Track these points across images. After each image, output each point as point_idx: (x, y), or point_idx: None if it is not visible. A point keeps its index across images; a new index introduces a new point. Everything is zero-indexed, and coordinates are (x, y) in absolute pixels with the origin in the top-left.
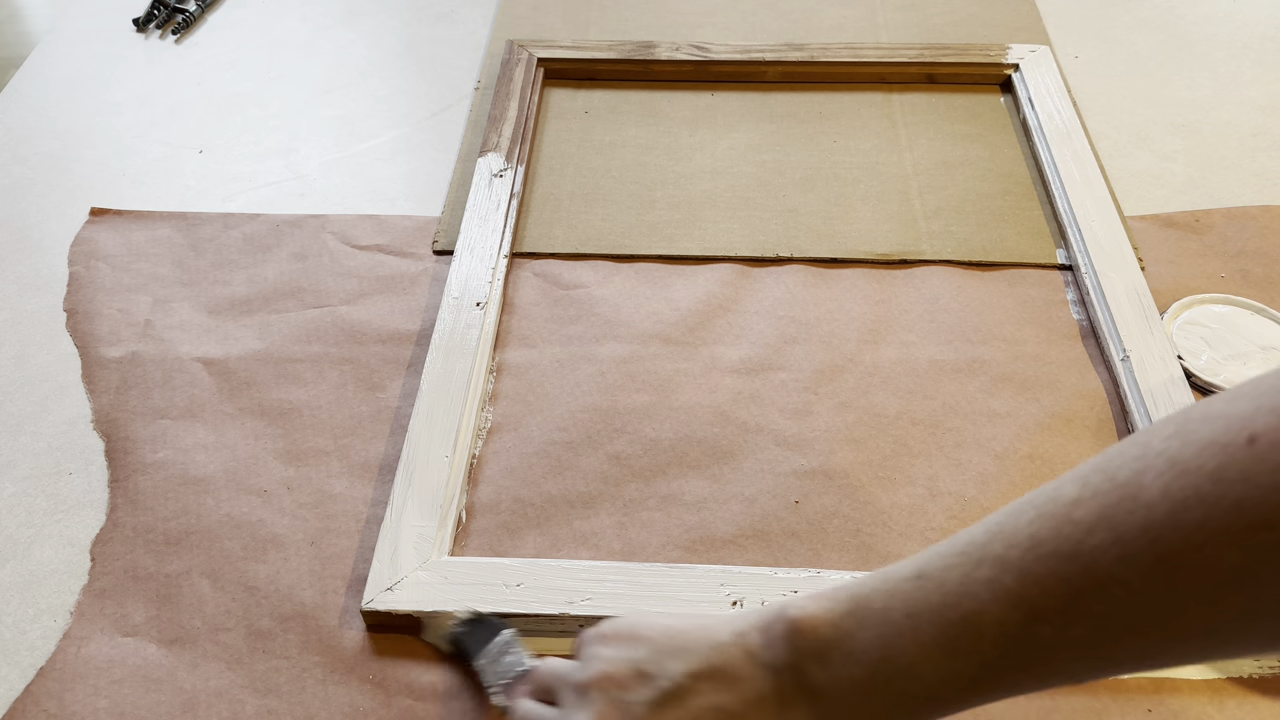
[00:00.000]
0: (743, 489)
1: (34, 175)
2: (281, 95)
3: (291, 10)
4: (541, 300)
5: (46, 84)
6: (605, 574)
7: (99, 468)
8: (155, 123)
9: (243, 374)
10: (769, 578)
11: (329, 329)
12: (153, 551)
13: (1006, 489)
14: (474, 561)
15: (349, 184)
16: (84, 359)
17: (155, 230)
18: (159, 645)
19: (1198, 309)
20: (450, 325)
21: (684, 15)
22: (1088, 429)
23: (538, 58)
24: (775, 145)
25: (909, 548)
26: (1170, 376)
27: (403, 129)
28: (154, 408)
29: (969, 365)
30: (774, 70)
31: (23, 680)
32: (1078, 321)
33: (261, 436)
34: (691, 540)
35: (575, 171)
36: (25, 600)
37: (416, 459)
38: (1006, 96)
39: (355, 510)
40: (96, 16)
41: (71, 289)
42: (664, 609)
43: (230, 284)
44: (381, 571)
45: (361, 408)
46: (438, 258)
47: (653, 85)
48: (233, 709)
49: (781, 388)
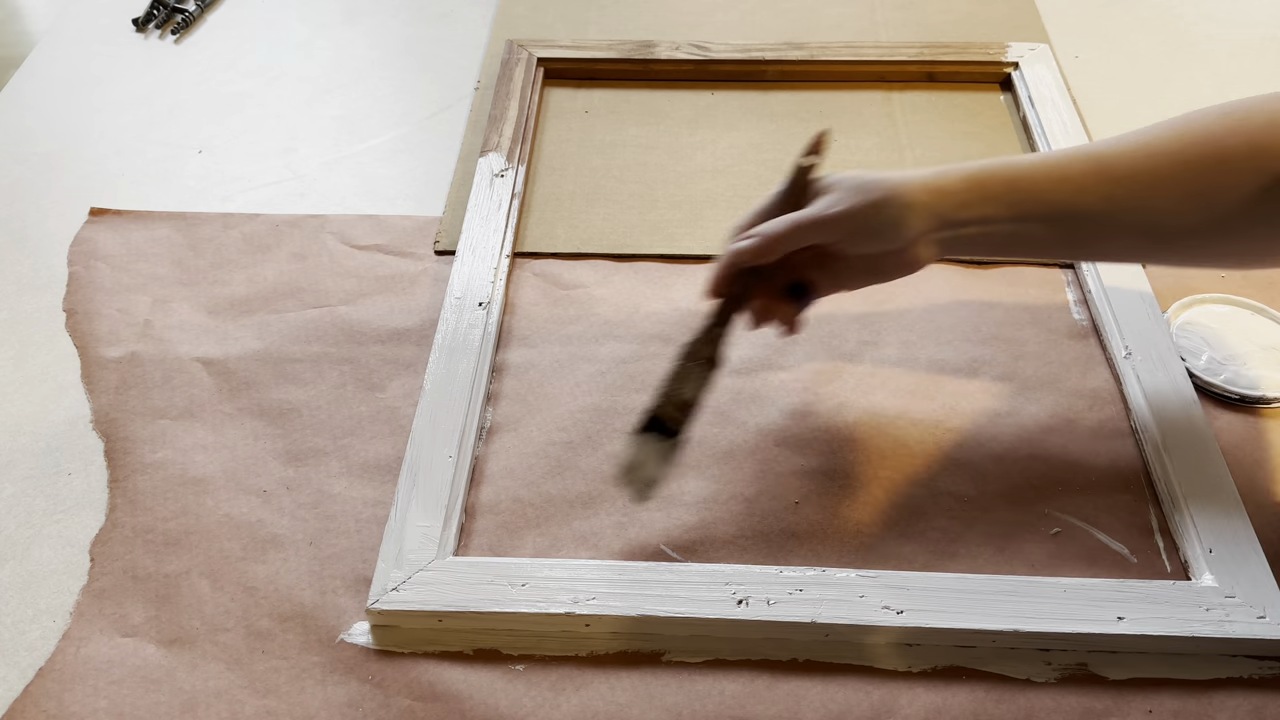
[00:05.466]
0: (743, 489)
1: (33, 175)
2: (281, 95)
3: (291, 10)
4: (542, 300)
5: (46, 84)
6: (609, 573)
7: (98, 468)
8: (155, 123)
9: (242, 374)
10: (775, 576)
11: (329, 329)
12: (152, 552)
13: (1007, 489)
14: (478, 561)
15: (349, 184)
16: (83, 359)
17: (155, 230)
18: (158, 646)
19: (1198, 309)
20: (453, 325)
21: (683, 14)
22: (1089, 429)
23: (538, 57)
24: (776, 144)
25: (909, 548)
26: (1172, 376)
27: (402, 129)
28: (153, 408)
29: (969, 365)
30: (774, 69)
31: (22, 681)
32: (1078, 321)
33: (261, 437)
34: (691, 540)
35: (576, 171)
36: (24, 601)
37: (420, 459)
38: (1006, 95)
39: (355, 510)
40: (96, 16)
41: (71, 289)
42: (666, 609)
43: (230, 284)
44: (386, 572)
45: (361, 408)
46: (437, 258)
47: (653, 84)
48: (232, 709)
49: (781, 388)
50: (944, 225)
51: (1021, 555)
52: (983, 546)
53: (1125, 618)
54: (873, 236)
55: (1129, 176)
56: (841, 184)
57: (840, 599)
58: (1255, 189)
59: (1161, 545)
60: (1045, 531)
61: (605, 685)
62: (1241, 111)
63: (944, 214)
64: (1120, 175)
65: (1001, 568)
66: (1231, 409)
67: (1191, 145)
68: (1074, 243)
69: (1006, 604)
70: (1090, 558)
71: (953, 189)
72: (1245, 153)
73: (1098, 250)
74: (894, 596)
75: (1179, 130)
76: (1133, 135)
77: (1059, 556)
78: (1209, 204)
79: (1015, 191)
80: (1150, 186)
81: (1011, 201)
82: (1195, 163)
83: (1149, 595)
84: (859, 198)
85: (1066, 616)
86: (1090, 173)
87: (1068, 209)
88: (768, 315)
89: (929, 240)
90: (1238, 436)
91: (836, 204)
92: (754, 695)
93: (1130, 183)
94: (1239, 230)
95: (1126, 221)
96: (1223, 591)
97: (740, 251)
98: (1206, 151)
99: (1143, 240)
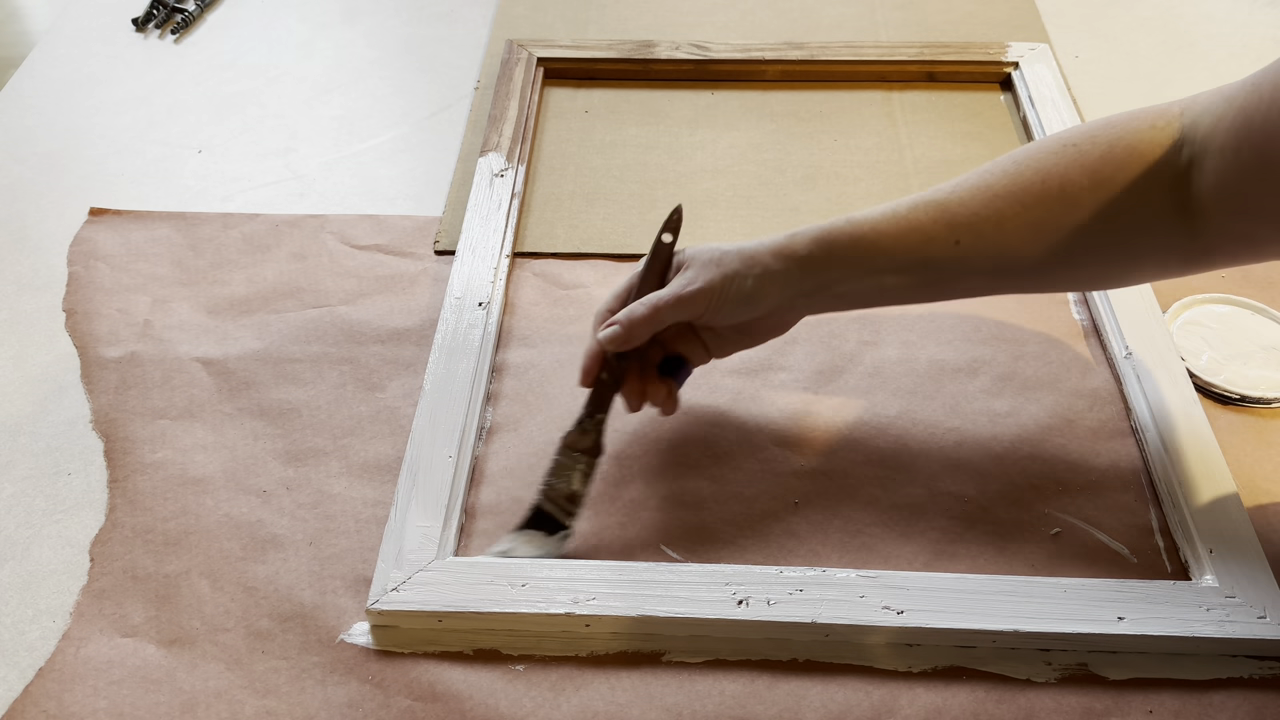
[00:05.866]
0: (743, 489)
1: (33, 175)
2: (281, 95)
3: (291, 10)
4: (542, 300)
5: (45, 84)
6: (609, 574)
7: (98, 468)
8: (154, 122)
9: (242, 374)
10: (775, 576)
11: (328, 329)
12: (152, 552)
13: (1007, 489)
14: (478, 562)
15: (348, 184)
16: (83, 359)
17: (154, 230)
18: (158, 646)
19: (1198, 309)
20: (453, 325)
21: (683, 14)
22: (1089, 429)
23: (538, 57)
24: (776, 144)
25: (909, 548)
26: (1172, 376)
27: (402, 129)
28: (153, 408)
29: (970, 365)
30: (774, 69)
31: (21, 681)
32: (1079, 321)
33: (261, 437)
34: (691, 540)
35: (576, 171)
36: (24, 601)
37: (420, 459)
38: (1006, 95)
39: (355, 510)
40: (96, 16)
41: (70, 289)
42: (666, 609)
43: (229, 284)
44: (386, 572)
45: (361, 408)
46: (437, 258)
47: (653, 84)
48: (232, 710)
49: (781, 388)
50: (800, 289)
51: (1021, 555)
52: (983, 546)
53: (1125, 618)
54: (734, 308)
55: (972, 220)
56: (697, 259)
57: (840, 599)
58: (1100, 220)
59: (1162, 545)
60: (1045, 531)
61: (605, 685)
62: (1079, 143)
63: (797, 278)
64: (963, 220)
65: (1001, 568)
66: (1231, 409)
67: (1032, 184)
68: (931, 288)
69: (1006, 604)
70: (1090, 558)
71: (801, 253)
72: (1086, 185)
73: (956, 290)
74: (894, 596)
75: (1019, 168)
76: (974, 177)
77: (1059, 556)
78: (1053, 239)
79: (860, 249)
80: (996, 227)
81: (858, 259)
82: (1035, 201)
83: (1149, 595)
84: (713, 272)
85: (1067, 616)
86: (934, 221)
87: (918, 259)
88: (642, 397)
89: (790, 304)
90: (1238, 436)
91: (693, 281)
92: (754, 695)
93: (975, 226)
94: (1087, 260)
95: (976, 264)
96: (1223, 591)
97: (606, 340)
98: (1048, 188)
99: (995, 278)
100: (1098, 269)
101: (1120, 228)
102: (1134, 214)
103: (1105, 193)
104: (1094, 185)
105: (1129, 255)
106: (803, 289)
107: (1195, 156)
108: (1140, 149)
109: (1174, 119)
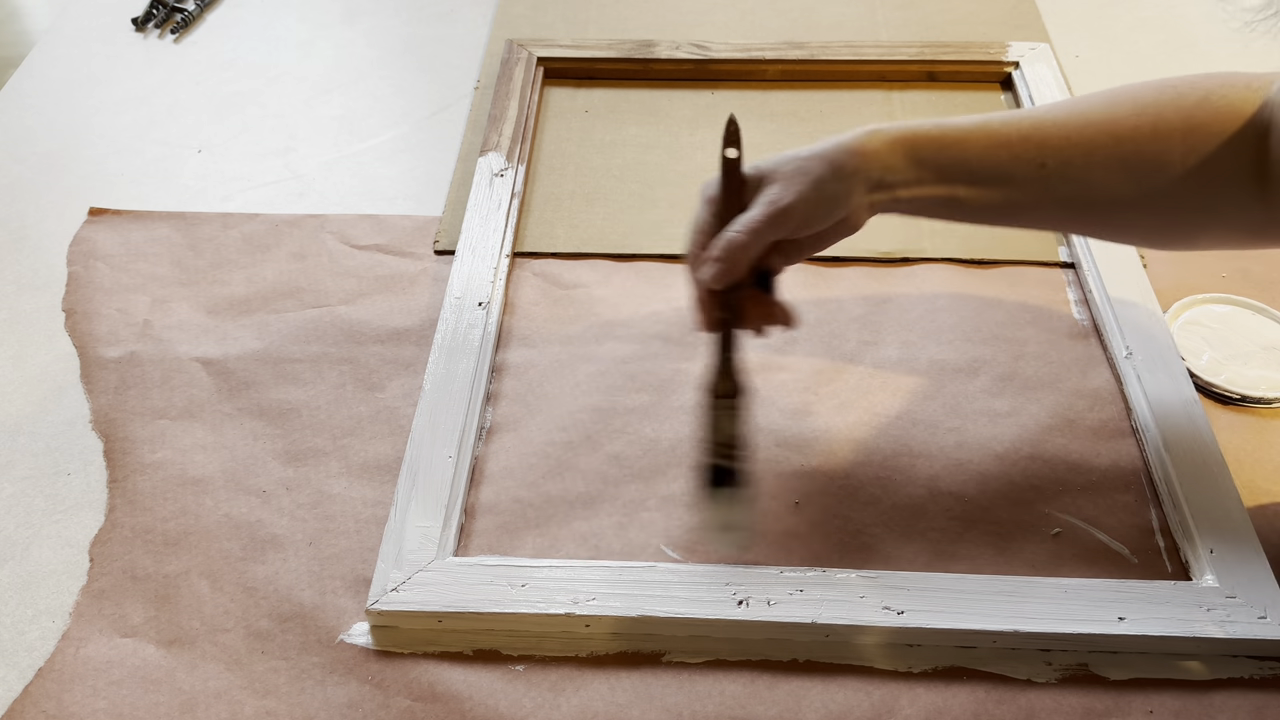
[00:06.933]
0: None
1: (32, 175)
2: (281, 95)
3: (291, 10)
4: (541, 300)
5: (45, 83)
6: (609, 574)
7: (97, 468)
8: (154, 122)
9: (241, 374)
10: (775, 576)
11: (328, 329)
12: (151, 552)
13: (1007, 489)
14: (479, 562)
15: (348, 184)
16: (82, 359)
17: (154, 230)
18: (158, 646)
19: (1199, 308)
20: (453, 325)
21: (683, 14)
22: (1090, 429)
23: (537, 57)
24: (776, 144)
25: (909, 548)
26: (1172, 376)
27: (402, 129)
28: (153, 408)
29: (970, 365)
30: (774, 69)
31: (21, 681)
32: (1079, 321)
33: (260, 437)
34: (692, 540)
35: (576, 171)
36: (24, 601)
37: (420, 459)
38: (1007, 94)
39: (354, 510)
40: (95, 16)
41: (70, 289)
42: (666, 609)
43: (229, 284)
44: (386, 572)
45: (360, 408)
46: (437, 257)
47: (653, 84)
48: (232, 710)
49: (781, 388)
50: (876, 188)
51: (1022, 555)
52: (983, 547)
53: (1126, 618)
54: (825, 214)
55: (1061, 143)
56: (779, 170)
57: (840, 599)
58: (1186, 166)
59: (1162, 545)
60: (1046, 532)
61: (605, 685)
62: (1178, 86)
63: (875, 178)
64: (1053, 142)
65: (1002, 568)
66: (1231, 409)
67: (1126, 116)
68: (1002, 211)
69: (1007, 604)
70: (1091, 558)
71: (881, 151)
72: (1180, 128)
73: (1025, 218)
74: (894, 597)
75: (1116, 99)
76: (1069, 103)
77: (1059, 557)
78: (1140, 176)
79: (944, 155)
80: (1085, 155)
81: (940, 165)
82: (1128, 134)
83: (1150, 595)
84: (801, 182)
85: (1067, 617)
86: (1023, 138)
87: (998, 174)
88: (766, 320)
89: (866, 203)
90: (1238, 436)
91: (783, 195)
92: (754, 696)
93: (1063, 150)
94: (1167, 207)
95: (1057, 191)
96: (1223, 592)
97: (713, 279)
98: (1141, 124)
99: (1069, 210)
100: (1170, 218)
101: (1205, 179)
102: (1219, 167)
103: (1196, 139)
104: (1187, 130)
105: (1205, 209)
106: (878, 188)
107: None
108: (1236, 104)
109: (1267, 85)
